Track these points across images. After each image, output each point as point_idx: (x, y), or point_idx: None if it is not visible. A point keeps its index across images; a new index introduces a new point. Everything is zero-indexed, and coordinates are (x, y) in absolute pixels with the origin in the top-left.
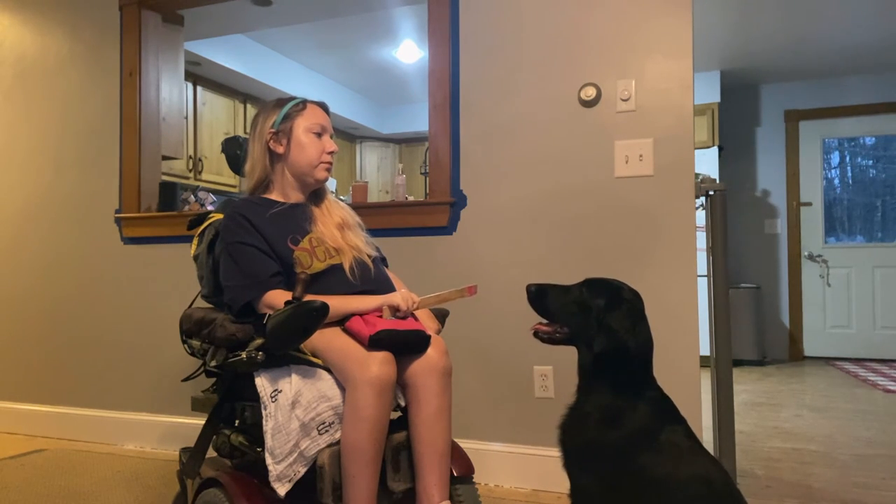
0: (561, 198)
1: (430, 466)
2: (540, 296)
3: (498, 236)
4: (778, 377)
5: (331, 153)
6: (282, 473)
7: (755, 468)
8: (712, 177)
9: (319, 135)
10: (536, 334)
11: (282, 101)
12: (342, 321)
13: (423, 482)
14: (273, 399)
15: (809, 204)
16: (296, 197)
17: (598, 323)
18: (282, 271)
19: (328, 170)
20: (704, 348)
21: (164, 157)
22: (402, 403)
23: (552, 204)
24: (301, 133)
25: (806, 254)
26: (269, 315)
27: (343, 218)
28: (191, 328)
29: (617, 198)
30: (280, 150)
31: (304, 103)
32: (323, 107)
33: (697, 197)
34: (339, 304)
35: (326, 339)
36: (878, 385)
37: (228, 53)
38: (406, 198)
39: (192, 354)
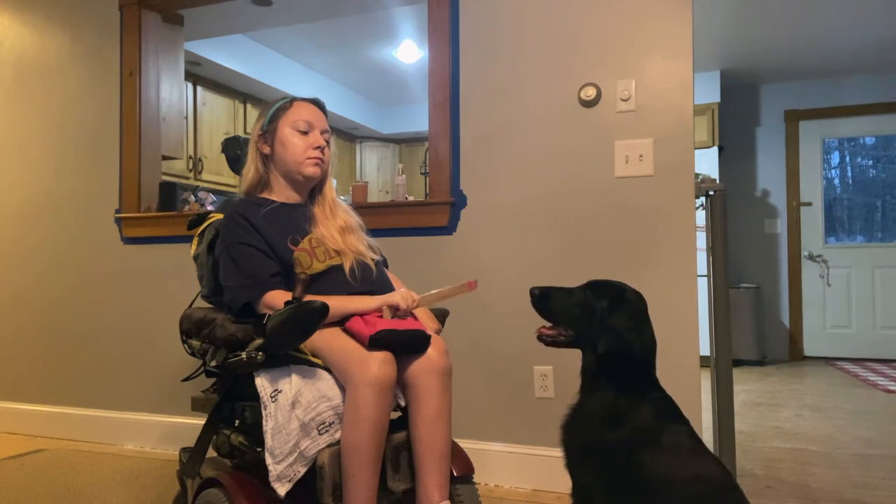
0: (561, 198)
1: (430, 466)
2: (543, 298)
3: (498, 236)
4: (778, 377)
5: (318, 148)
6: (282, 473)
7: (755, 468)
8: (712, 177)
9: (306, 132)
10: (540, 338)
11: (275, 102)
12: (342, 321)
13: (423, 482)
14: (273, 399)
15: (809, 204)
16: (293, 197)
17: (602, 324)
18: (281, 272)
19: (317, 165)
20: (704, 348)
21: (164, 157)
22: (402, 403)
23: (552, 204)
24: (286, 131)
25: (806, 254)
26: (269, 315)
27: (346, 221)
28: (191, 328)
29: (617, 198)
30: (266, 150)
31: (290, 102)
32: (315, 103)
33: (697, 197)
34: (338, 304)
35: (326, 339)
36: (878, 385)
37: (228, 53)
38: (406, 198)
39: (192, 354)
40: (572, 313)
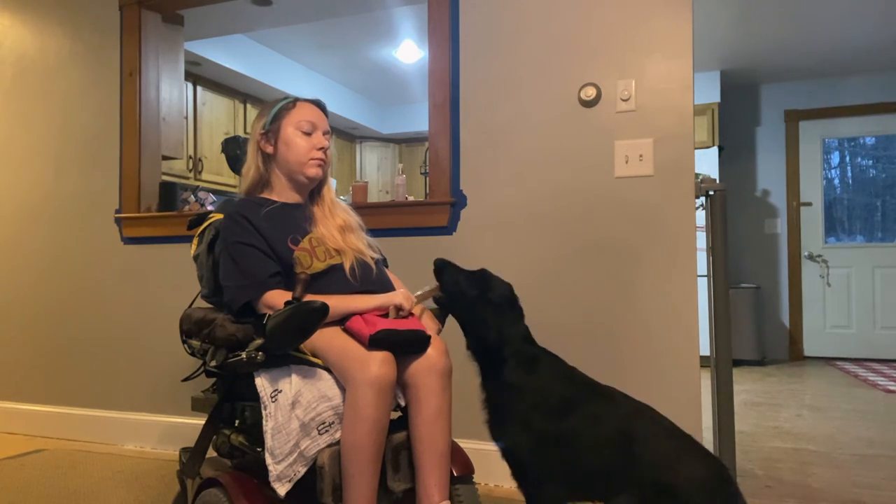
0: (561, 198)
1: (431, 466)
2: (441, 270)
3: (498, 236)
4: (778, 377)
5: (321, 149)
6: (282, 473)
7: (755, 468)
8: (712, 177)
9: (309, 133)
10: (437, 300)
11: (277, 101)
12: (342, 321)
13: (423, 482)
14: (273, 399)
15: (809, 204)
16: (293, 197)
17: (470, 309)
18: (281, 271)
19: (319, 166)
20: (704, 348)
21: (164, 157)
22: (402, 403)
23: (552, 204)
24: (289, 131)
25: (806, 254)
26: (269, 315)
27: (345, 220)
28: (191, 328)
29: (617, 198)
30: (269, 149)
31: (294, 102)
32: (317, 104)
33: (697, 197)
34: (339, 303)
35: (326, 339)
36: (878, 385)
37: (228, 53)
38: (406, 198)
39: (192, 354)
40: (453, 291)
